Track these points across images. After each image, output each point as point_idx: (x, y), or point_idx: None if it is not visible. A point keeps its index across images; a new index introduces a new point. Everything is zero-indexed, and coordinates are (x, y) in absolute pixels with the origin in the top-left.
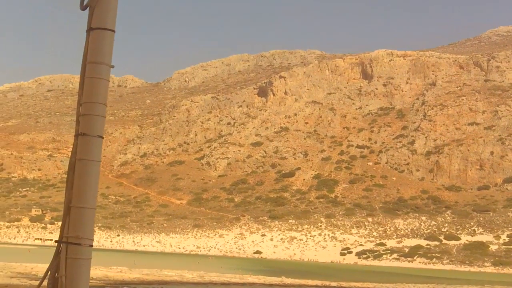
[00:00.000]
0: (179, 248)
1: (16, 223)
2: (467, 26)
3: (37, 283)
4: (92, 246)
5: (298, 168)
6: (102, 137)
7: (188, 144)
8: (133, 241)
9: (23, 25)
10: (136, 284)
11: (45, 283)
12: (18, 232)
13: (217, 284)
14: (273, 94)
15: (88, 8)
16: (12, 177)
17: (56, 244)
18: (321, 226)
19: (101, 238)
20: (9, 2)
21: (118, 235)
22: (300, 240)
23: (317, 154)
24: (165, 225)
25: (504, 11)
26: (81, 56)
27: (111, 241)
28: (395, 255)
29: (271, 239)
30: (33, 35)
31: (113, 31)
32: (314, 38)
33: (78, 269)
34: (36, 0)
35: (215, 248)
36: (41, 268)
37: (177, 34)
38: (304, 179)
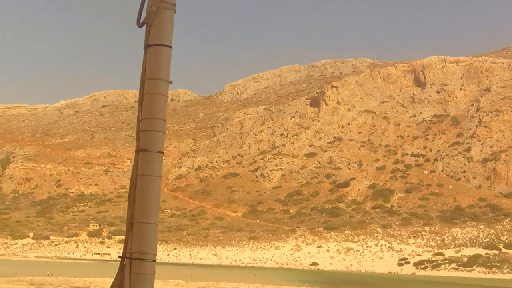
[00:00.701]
0: (236, 260)
1: (74, 238)
2: None
3: None
4: (155, 261)
5: (353, 178)
6: (163, 153)
7: (242, 156)
8: (190, 254)
9: (78, 43)
10: None
11: None
12: (76, 247)
13: None
14: (326, 104)
15: (145, 25)
16: (70, 192)
17: (120, 259)
18: (377, 236)
19: (158, 252)
20: (64, 20)
21: (175, 249)
22: (357, 251)
23: (371, 164)
24: (221, 237)
25: None
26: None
27: (168, 255)
28: (453, 265)
29: (327, 250)
30: (88, 52)
31: (170, 47)
32: (366, 46)
33: (142, 284)
34: (91, 18)
35: (271, 260)
36: (99, 282)
37: (228, 47)
38: (359, 189)
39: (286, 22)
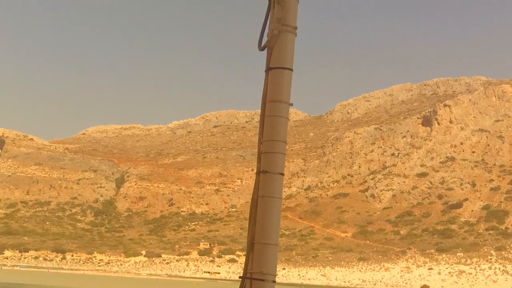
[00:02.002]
0: (345, 281)
1: (185, 256)
2: None
3: None
4: (275, 282)
5: (466, 199)
6: (283, 174)
7: (352, 176)
8: (299, 274)
9: (190, 64)
10: None
11: None
12: (187, 265)
13: None
14: (438, 123)
15: (266, 49)
16: (182, 211)
17: (240, 279)
18: (491, 259)
19: None
20: (178, 42)
21: (284, 269)
22: (469, 274)
23: (485, 184)
24: (330, 258)
25: None
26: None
27: (276, 275)
28: None
29: (439, 273)
30: (199, 74)
31: (291, 69)
32: (479, 64)
33: None
34: (206, 40)
35: (380, 281)
36: None
37: (338, 66)
38: (472, 210)
39: (396, 40)
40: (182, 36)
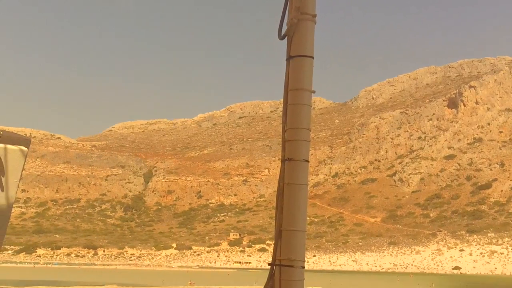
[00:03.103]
0: (376, 266)
1: (215, 247)
2: None
3: None
4: (304, 267)
5: (495, 179)
6: (308, 161)
7: (379, 161)
8: (329, 261)
9: (213, 56)
10: None
11: None
12: (218, 256)
13: None
14: (464, 105)
15: (286, 38)
16: (210, 203)
17: (270, 267)
18: None
19: None
20: (201, 35)
21: (314, 256)
22: (501, 253)
23: None
24: (360, 243)
25: None
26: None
27: (307, 262)
28: None
29: (470, 254)
30: (223, 65)
31: (312, 57)
32: (504, 43)
33: None
34: (228, 32)
35: (412, 265)
36: None
37: (360, 52)
38: (501, 190)
39: (419, 22)
40: (204, 28)
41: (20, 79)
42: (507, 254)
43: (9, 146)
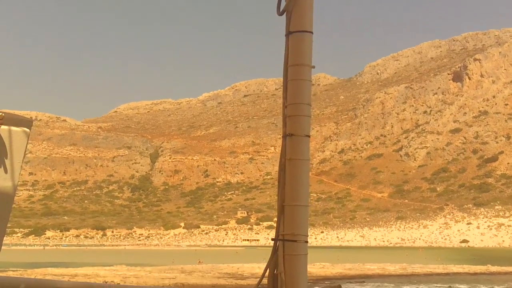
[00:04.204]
0: (383, 241)
1: (223, 226)
2: None
3: (242, 282)
4: (307, 242)
5: (501, 152)
6: (309, 136)
7: (385, 136)
8: (337, 237)
9: (216, 35)
10: (338, 279)
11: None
12: (226, 234)
13: (420, 276)
14: (469, 78)
15: (285, 13)
16: (217, 182)
17: (273, 242)
18: None
19: None
20: (202, 13)
21: (322, 232)
22: (509, 226)
23: None
24: (367, 219)
25: None
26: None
27: (315, 238)
28: None
29: (478, 227)
30: (227, 43)
31: (311, 32)
32: (509, 15)
33: (296, 265)
34: (230, 9)
35: (419, 239)
36: (247, 268)
37: (364, 27)
38: (508, 163)
39: None
40: (207, 7)
41: (25, 62)
42: None
43: (12, 128)
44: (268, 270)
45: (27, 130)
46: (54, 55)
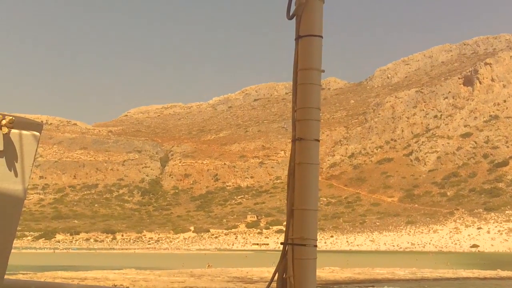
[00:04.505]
0: (393, 246)
1: (233, 230)
2: None
3: (251, 286)
4: (316, 246)
5: None
6: (319, 140)
7: (395, 141)
8: (347, 241)
9: (226, 39)
10: (347, 283)
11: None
12: (235, 238)
13: (429, 280)
14: (480, 82)
15: (295, 17)
16: (227, 186)
17: (282, 246)
18: None
19: None
20: (213, 17)
21: (332, 236)
22: None
23: None
24: (377, 223)
25: None
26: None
27: (325, 242)
28: None
29: (488, 232)
30: (237, 47)
31: (321, 36)
32: None
33: (305, 269)
34: (240, 13)
35: (429, 244)
36: (256, 271)
37: (374, 31)
38: None
39: (432, 0)
40: (218, 11)
41: (35, 66)
42: None
43: (23, 132)
44: (277, 274)
45: (37, 134)
46: (65, 60)
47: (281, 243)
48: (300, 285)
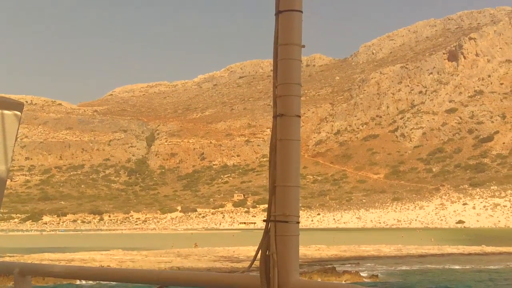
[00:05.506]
0: (380, 222)
1: (220, 209)
2: None
3: (238, 265)
4: (298, 222)
5: (497, 132)
6: (300, 116)
7: (380, 117)
8: (334, 219)
9: (210, 17)
10: (332, 260)
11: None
12: (223, 217)
13: (414, 257)
14: (464, 57)
15: None
16: (213, 164)
17: (265, 223)
18: None
19: (302, 218)
20: None
21: (319, 214)
22: (504, 206)
23: None
24: (364, 200)
25: None
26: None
27: (312, 220)
28: None
29: (473, 208)
30: (221, 25)
31: (301, 11)
32: None
33: (287, 246)
34: None
35: (415, 220)
36: (243, 250)
37: (359, 6)
38: (503, 143)
39: None
40: None
41: (19, 46)
42: (511, 207)
43: (4, 112)
44: (260, 252)
45: (19, 113)
46: (49, 38)
47: (263, 220)
48: (283, 262)
